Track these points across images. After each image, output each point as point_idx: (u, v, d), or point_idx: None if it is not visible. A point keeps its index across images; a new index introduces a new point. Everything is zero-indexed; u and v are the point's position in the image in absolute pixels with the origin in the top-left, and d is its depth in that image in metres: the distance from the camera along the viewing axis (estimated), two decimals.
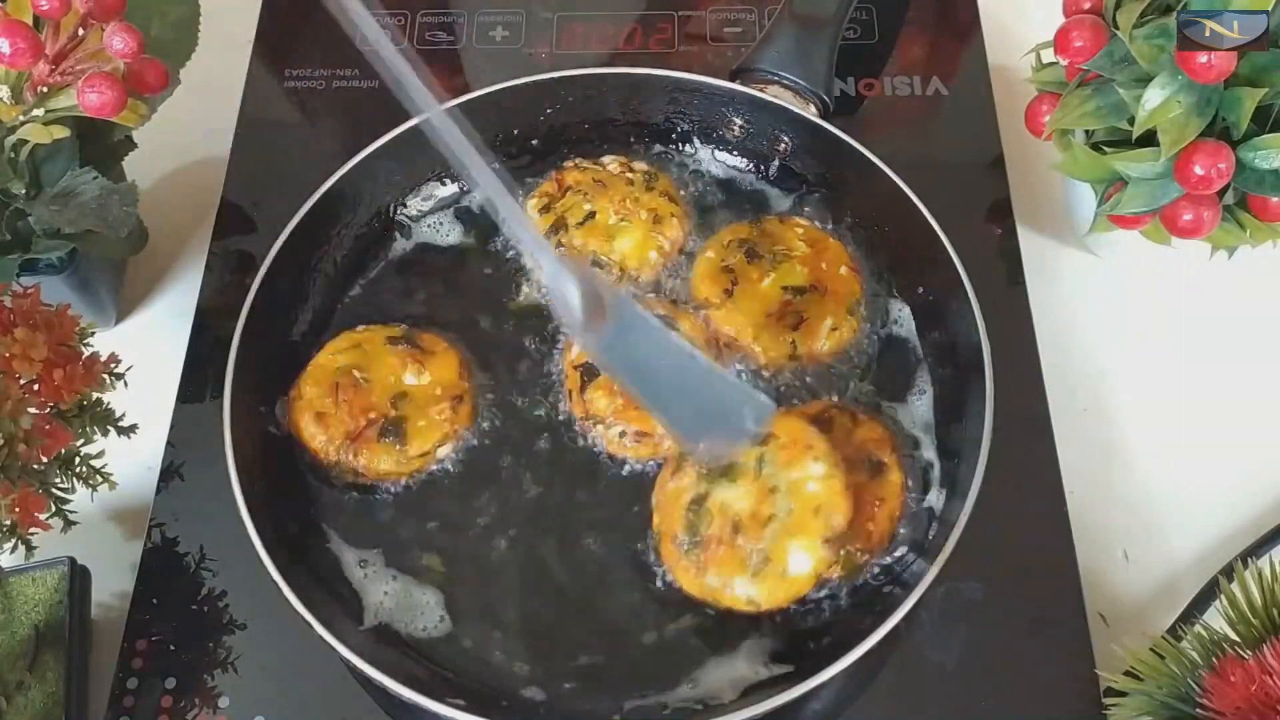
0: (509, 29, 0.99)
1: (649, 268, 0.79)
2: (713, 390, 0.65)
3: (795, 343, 0.75)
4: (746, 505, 0.65)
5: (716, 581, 0.65)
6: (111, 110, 0.66)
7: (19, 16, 0.66)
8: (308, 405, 0.72)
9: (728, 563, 0.64)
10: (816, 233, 0.80)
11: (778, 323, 0.75)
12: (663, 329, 0.65)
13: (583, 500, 0.72)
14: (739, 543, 0.65)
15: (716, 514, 0.66)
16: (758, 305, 0.76)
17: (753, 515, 0.65)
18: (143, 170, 0.81)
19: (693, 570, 0.65)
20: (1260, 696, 0.55)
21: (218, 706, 0.68)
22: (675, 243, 0.80)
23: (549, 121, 0.85)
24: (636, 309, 0.63)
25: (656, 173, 0.83)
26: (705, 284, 0.78)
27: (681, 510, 0.66)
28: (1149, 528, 0.76)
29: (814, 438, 0.67)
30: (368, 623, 0.68)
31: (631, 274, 0.79)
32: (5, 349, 0.60)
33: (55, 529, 0.64)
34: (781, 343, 0.75)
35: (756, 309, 0.76)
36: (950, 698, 0.68)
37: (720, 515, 0.65)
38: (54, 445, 0.62)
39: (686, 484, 0.67)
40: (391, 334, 0.76)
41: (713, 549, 0.65)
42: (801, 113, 0.81)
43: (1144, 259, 0.83)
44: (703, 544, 0.65)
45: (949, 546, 0.63)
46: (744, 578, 0.64)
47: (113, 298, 0.85)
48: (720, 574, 0.65)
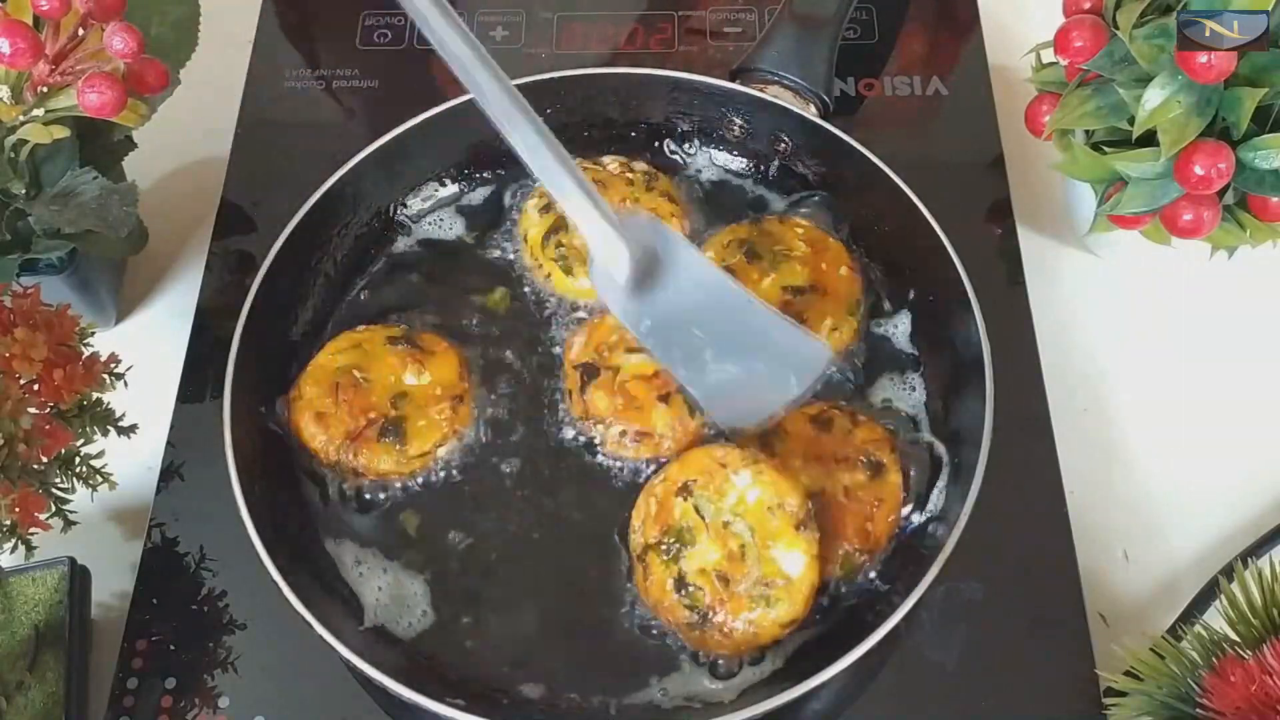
0: (509, 29, 0.99)
1: None
2: (763, 341, 0.65)
3: None
4: (718, 553, 0.65)
5: (747, 627, 0.64)
6: (111, 110, 0.66)
7: (19, 16, 0.66)
8: (308, 405, 0.72)
9: (741, 606, 0.64)
10: (816, 233, 0.80)
11: None
12: (717, 274, 0.65)
13: (583, 500, 0.72)
14: (737, 588, 0.64)
15: (702, 579, 0.65)
16: None
17: (729, 557, 0.65)
18: (143, 170, 0.81)
19: (721, 636, 0.65)
20: (1260, 696, 0.55)
21: (218, 706, 0.68)
22: None
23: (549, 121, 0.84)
24: (692, 255, 0.64)
25: (656, 173, 0.83)
26: None
27: (672, 598, 0.65)
28: (1149, 528, 0.76)
29: (721, 455, 0.67)
30: (367, 623, 0.68)
31: None
32: (5, 349, 0.60)
33: (55, 529, 0.64)
34: None
35: None
36: (950, 698, 0.68)
37: (705, 579, 0.65)
38: (54, 445, 0.62)
39: (660, 573, 0.66)
40: (391, 334, 0.76)
41: (721, 608, 0.64)
42: (801, 113, 0.81)
43: (1144, 259, 0.83)
44: (711, 611, 0.64)
45: (949, 546, 0.63)
46: (763, 608, 0.64)
47: (113, 298, 0.85)
48: (745, 620, 0.64)
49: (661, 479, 0.68)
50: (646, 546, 0.66)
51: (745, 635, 0.64)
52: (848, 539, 0.67)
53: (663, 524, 0.66)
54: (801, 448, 0.70)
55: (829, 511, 0.68)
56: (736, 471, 0.66)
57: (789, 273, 0.77)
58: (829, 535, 0.67)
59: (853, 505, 0.68)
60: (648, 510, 0.67)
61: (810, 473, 0.69)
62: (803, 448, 0.70)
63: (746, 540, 0.65)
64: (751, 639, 0.65)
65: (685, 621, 0.65)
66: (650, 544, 0.66)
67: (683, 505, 0.66)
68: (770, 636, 0.65)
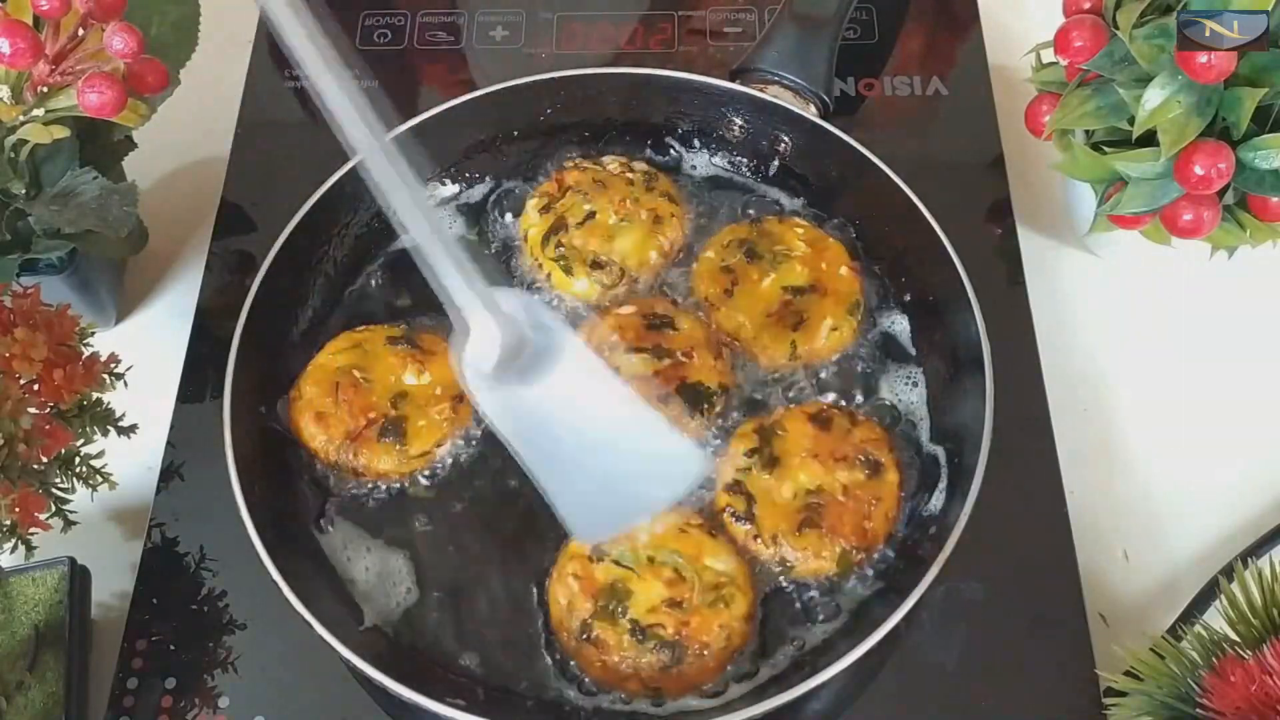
0: (509, 29, 0.99)
1: (649, 268, 0.79)
2: (638, 446, 0.62)
3: (795, 342, 0.75)
4: (658, 586, 0.65)
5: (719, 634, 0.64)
6: (111, 110, 0.66)
7: (19, 16, 0.66)
8: (308, 405, 0.72)
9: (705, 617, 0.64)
10: (816, 233, 0.80)
11: (778, 323, 0.75)
12: (598, 369, 0.61)
13: None
14: (693, 604, 0.65)
15: (657, 615, 0.64)
16: (758, 305, 0.76)
17: (669, 584, 0.65)
18: (143, 170, 0.81)
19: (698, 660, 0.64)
20: (1260, 696, 0.55)
21: (218, 706, 0.68)
22: (675, 243, 0.80)
23: (549, 121, 0.85)
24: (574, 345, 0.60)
25: (656, 173, 0.83)
26: (705, 283, 0.78)
27: (636, 650, 0.64)
28: (1149, 528, 0.76)
29: None
30: (367, 623, 0.68)
31: (632, 274, 0.79)
32: (5, 349, 0.60)
33: (55, 529, 0.64)
34: (782, 342, 0.75)
35: (757, 308, 0.76)
36: (950, 698, 0.68)
37: (659, 614, 0.64)
38: (54, 445, 0.62)
39: (615, 636, 0.64)
40: (392, 334, 0.76)
41: (687, 629, 0.64)
42: (801, 113, 0.81)
43: (1144, 259, 0.83)
44: (680, 637, 0.64)
45: (949, 546, 0.63)
46: (724, 608, 0.65)
47: (113, 298, 0.85)
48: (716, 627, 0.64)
49: (568, 558, 0.67)
50: (586, 623, 0.65)
51: (720, 645, 0.64)
52: (846, 538, 0.67)
53: (592, 592, 0.66)
54: (800, 446, 0.70)
55: (827, 510, 0.68)
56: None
57: (789, 273, 0.77)
58: (827, 534, 0.67)
59: (851, 504, 0.68)
60: (570, 592, 0.66)
61: (809, 471, 0.69)
62: (801, 446, 0.70)
63: (677, 562, 0.66)
64: (726, 645, 0.65)
65: (659, 666, 0.64)
66: (590, 616, 0.65)
67: (602, 566, 0.66)
68: (741, 635, 0.65)
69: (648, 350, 0.73)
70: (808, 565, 0.67)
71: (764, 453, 0.70)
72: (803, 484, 0.69)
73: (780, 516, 0.68)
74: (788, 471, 0.69)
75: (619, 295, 0.78)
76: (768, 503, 0.69)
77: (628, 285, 0.79)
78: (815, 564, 0.67)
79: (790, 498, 0.69)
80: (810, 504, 0.68)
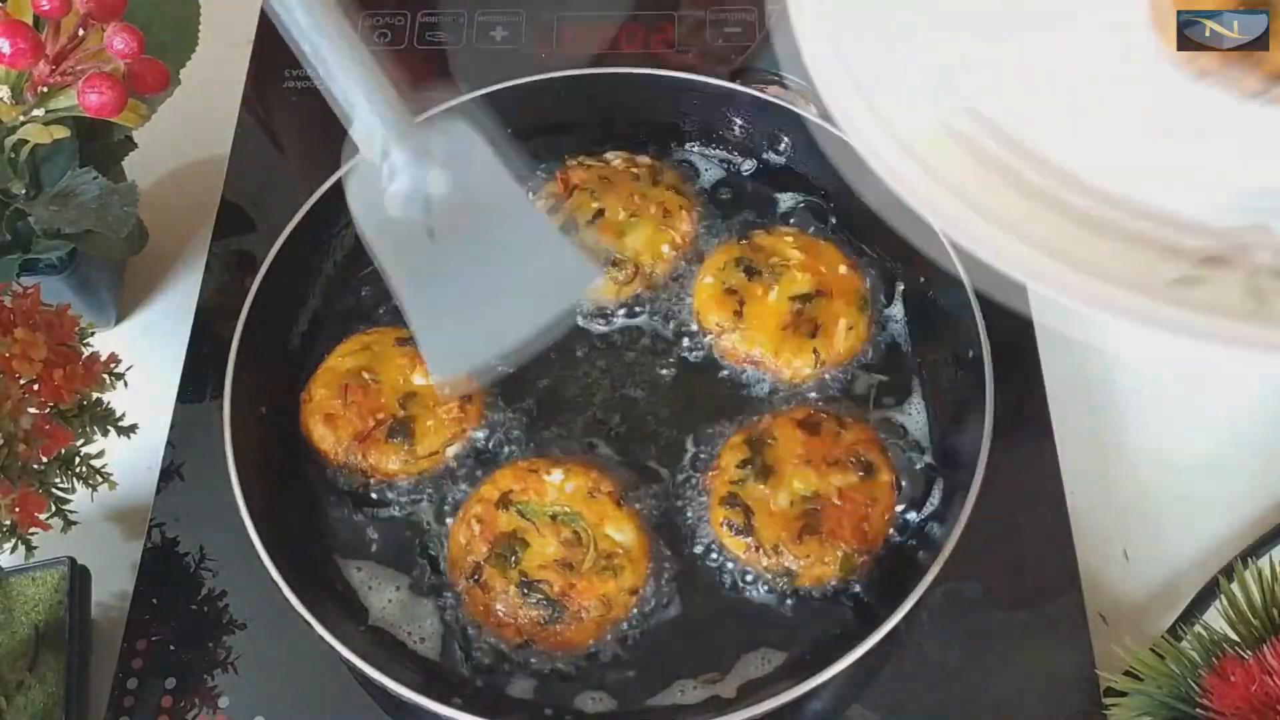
0: (509, 29, 0.99)
1: (663, 261, 0.79)
2: (526, 264, 0.58)
3: (817, 349, 0.74)
4: (554, 545, 0.67)
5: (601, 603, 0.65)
6: (111, 110, 0.66)
7: (19, 16, 0.66)
8: (317, 408, 0.72)
9: (591, 583, 0.66)
10: (807, 238, 0.79)
11: (795, 334, 0.75)
12: (504, 186, 0.58)
13: None
14: (583, 568, 0.66)
15: (546, 573, 0.66)
16: (771, 320, 0.76)
17: (565, 544, 0.67)
18: (143, 170, 0.81)
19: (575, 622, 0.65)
20: (1260, 696, 0.55)
21: (218, 706, 0.68)
22: (687, 235, 0.80)
23: (549, 121, 0.85)
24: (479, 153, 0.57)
25: (661, 167, 0.83)
26: (712, 309, 0.77)
27: (519, 602, 0.65)
28: (1149, 528, 0.76)
29: (527, 464, 0.69)
30: (368, 623, 0.68)
31: (646, 269, 0.78)
32: (5, 349, 0.60)
33: (55, 529, 0.64)
34: (804, 352, 0.74)
35: (770, 324, 0.75)
36: (950, 698, 0.68)
37: (549, 571, 0.66)
38: (54, 445, 0.62)
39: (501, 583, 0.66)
40: (400, 335, 0.76)
41: (572, 591, 0.65)
42: (801, 113, 0.80)
43: None
44: (564, 597, 0.65)
45: (949, 546, 0.63)
46: (612, 578, 0.66)
47: (113, 298, 0.85)
48: (599, 596, 0.65)
49: (476, 501, 0.69)
50: (478, 565, 0.66)
51: (599, 612, 0.65)
52: (845, 540, 0.67)
53: (490, 538, 0.67)
54: (792, 453, 0.70)
55: (825, 514, 0.68)
56: (549, 472, 0.69)
57: (791, 282, 0.77)
58: (828, 539, 0.67)
59: (848, 506, 0.68)
60: (470, 534, 0.68)
61: (803, 478, 0.69)
62: (793, 453, 0.70)
63: (578, 525, 0.67)
64: (605, 614, 0.65)
65: (537, 620, 0.65)
66: (483, 559, 0.66)
67: (506, 515, 0.67)
68: (623, 606, 0.66)
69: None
70: (811, 572, 0.67)
71: (756, 463, 0.70)
72: (798, 491, 0.69)
73: (779, 526, 0.68)
74: (782, 480, 0.69)
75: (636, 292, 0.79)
76: (765, 513, 0.68)
77: (643, 280, 0.78)
78: (819, 570, 0.67)
79: (787, 506, 0.68)
80: (808, 510, 0.68)
